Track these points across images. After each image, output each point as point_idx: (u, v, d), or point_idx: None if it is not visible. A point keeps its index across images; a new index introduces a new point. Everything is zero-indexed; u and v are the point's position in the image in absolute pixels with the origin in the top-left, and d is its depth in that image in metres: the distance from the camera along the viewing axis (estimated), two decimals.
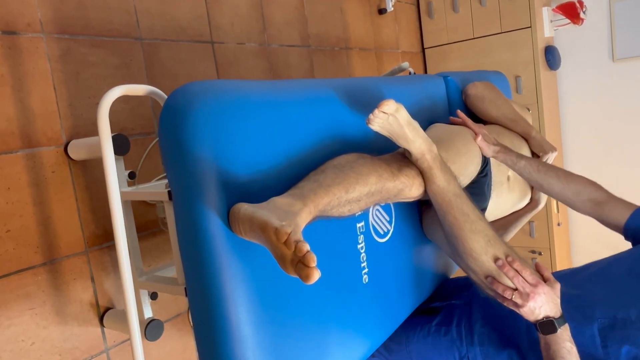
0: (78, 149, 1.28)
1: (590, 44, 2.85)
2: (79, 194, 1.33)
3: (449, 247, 1.04)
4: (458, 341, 1.15)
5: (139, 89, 1.00)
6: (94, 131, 1.38)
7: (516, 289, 0.93)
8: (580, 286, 1.05)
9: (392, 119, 0.92)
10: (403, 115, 0.93)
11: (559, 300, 0.94)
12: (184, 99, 0.77)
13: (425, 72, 3.09)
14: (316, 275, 0.64)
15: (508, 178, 1.38)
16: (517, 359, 1.05)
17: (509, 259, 0.94)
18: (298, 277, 0.66)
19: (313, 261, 0.65)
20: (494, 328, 1.10)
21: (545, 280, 0.96)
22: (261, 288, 0.82)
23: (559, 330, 0.91)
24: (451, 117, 1.37)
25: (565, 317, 0.93)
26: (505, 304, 0.95)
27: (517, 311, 0.94)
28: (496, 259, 0.95)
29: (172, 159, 0.79)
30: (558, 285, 0.95)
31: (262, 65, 1.94)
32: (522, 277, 0.93)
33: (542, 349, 0.94)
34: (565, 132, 3.01)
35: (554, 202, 2.74)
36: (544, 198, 1.48)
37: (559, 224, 2.80)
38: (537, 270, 0.97)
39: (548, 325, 0.91)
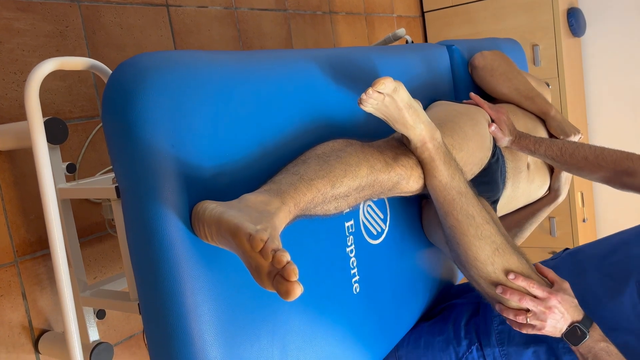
0: (3, 137, 1.26)
1: (621, 5, 2.89)
2: (6, 192, 1.31)
3: (450, 253, 1.06)
4: (455, 341, 1.20)
5: (76, 62, 0.99)
6: (22, 114, 1.35)
7: (529, 310, 0.98)
8: (610, 254, 1.12)
9: (388, 100, 0.92)
10: (402, 96, 0.94)
11: (575, 300, 0.99)
12: (132, 74, 0.76)
13: (425, 41, 3.10)
14: (298, 290, 0.65)
15: (528, 166, 1.40)
16: (544, 355, 1.10)
17: (511, 276, 0.98)
18: (276, 292, 0.67)
19: (294, 274, 0.65)
20: None
21: (551, 282, 1.01)
22: (231, 303, 0.82)
23: (589, 333, 0.96)
24: (464, 101, 1.39)
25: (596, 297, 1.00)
26: (523, 331, 1.00)
27: (540, 333, 0.99)
28: (497, 284, 1.00)
29: (119, 148, 0.78)
30: (567, 284, 1.01)
31: (228, 33, 1.92)
32: (531, 294, 0.98)
33: None
34: (592, 111, 3.05)
35: (578, 193, 2.79)
36: (565, 188, 1.51)
37: (584, 220, 2.85)
38: (540, 273, 1.03)
39: (575, 333, 0.97)
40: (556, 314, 0.96)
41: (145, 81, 0.76)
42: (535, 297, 0.98)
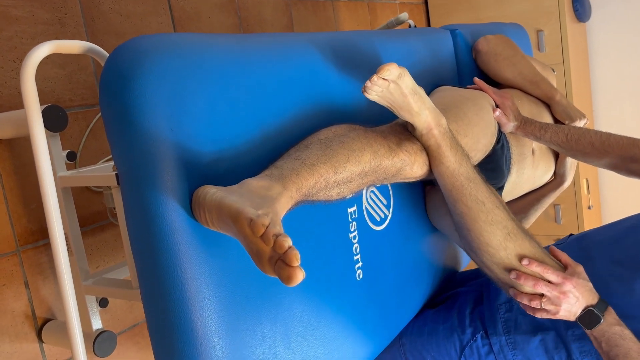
0: (2, 125, 1.25)
1: None
2: (7, 181, 1.31)
3: (460, 240, 1.05)
4: (459, 329, 1.20)
5: (72, 46, 0.98)
6: (22, 103, 1.34)
7: (543, 295, 0.97)
8: (619, 240, 1.11)
9: (393, 86, 0.92)
10: (407, 82, 0.93)
11: (590, 284, 0.98)
12: (130, 57, 0.75)
13: (429, 27, 3.07)
14: (300, 276, 0.64)
15: (532, 151, 1.39)
16: (551, 343, 1.10)
17: (525, 262, 0.98)
18: (278, 277, 0.66)
19: (296, 259, 0.65)
20: (522, 312, 1.14)
21: (565, 267, 1.00)
22: (232, 289, 0.81)
23: (604, 316, 0.96)
24: (468, 86, 1.38)
25: (608, 289, 0.99)
26: (537, 316, 1.00)
27: (554, 317, 0.99)
28: (510, 269, 0.99)
29: (118, 132, 0.77)
30: (581, 268, 1.00)
31: (229, 20, 1.90)
32: (545, 279, 0.97)
33: (596, 347, 0.99)
34: (597, 97, 3.03)
35: (583, 180, 2.78)
36: (570, 174, 1.49)
37: (590, 207, 2.84)
38: (554, 256, 1.02)
39: (590, 317, 0.96)
40: (571, 299, 0.96)
41: (143, 64, 0.75)
42: (549, 282, 0.97)
